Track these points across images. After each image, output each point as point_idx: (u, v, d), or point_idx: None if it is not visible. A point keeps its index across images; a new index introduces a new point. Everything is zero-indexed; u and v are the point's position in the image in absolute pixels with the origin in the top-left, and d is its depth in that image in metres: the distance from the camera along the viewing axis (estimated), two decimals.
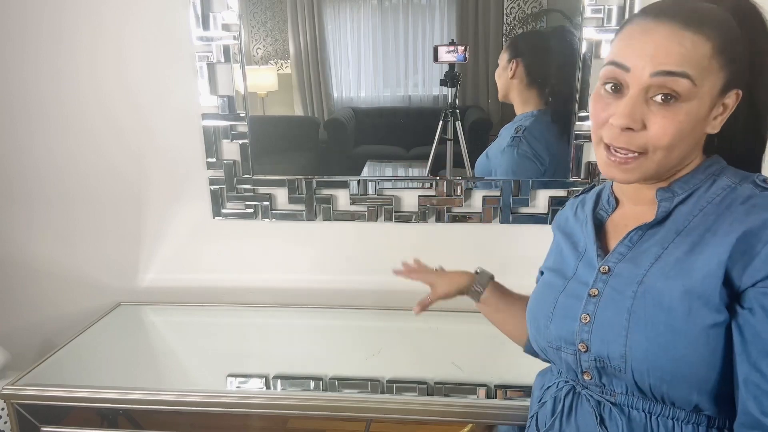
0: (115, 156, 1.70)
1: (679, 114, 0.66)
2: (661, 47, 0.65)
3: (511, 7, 1.48)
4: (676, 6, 0.68)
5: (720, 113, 0.69)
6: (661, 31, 0.66)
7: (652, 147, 0.67)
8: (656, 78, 0.65)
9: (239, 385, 1.34)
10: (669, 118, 0.66)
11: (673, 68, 0.64)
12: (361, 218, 1.69)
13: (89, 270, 1.82)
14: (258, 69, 1.60)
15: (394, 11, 1.54)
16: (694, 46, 0.65)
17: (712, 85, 0.66)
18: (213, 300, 1.78)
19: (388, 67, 1.57)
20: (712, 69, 0.65)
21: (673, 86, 0.65)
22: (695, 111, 0.66)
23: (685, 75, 0.64)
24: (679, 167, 0.72)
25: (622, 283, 0.73)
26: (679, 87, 0.65)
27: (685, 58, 0.65)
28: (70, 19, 1.60)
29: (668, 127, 0.66)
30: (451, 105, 1.57)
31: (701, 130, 0.69)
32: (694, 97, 0.65)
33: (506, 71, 1.52)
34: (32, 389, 1.33)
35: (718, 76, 0.66)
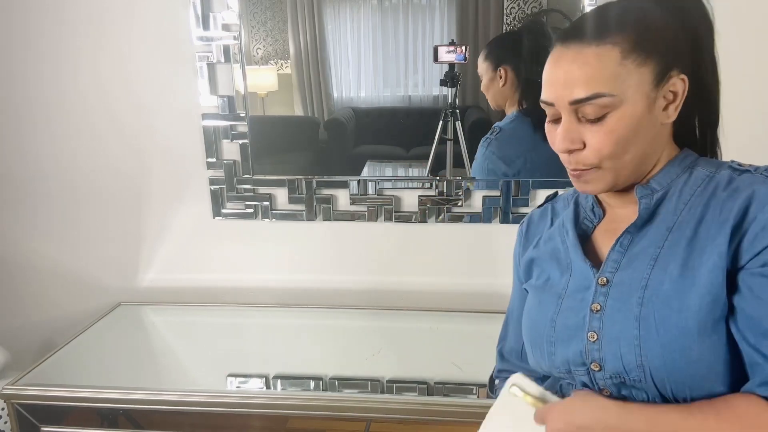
0: (115, 156, 1.70)
1: (610, 123, 0.67)
2: (568, 75, 0.67)
3: (511, 7, 1.48)
4: (582, 21, 0.70)
5: (671, 101, 0.69)
6: (566, 56, 0.67)
7: (597, 160, 0.69)
8: (574, 106, 0.67)
9: (239, 385, 1.34)
10: (602, 131, 0.67)
11: (582, 95, 0.66)
12: (361, 218, 1.69)
13: (89, 270, 1.82)
14: (258, 69, 1.60)
15: (394, 11, 1.54)
16: (598, 59, 0.66)
17: (637, 83, 0.66)
18: (213, 300, 1.78)
19: (388, 67, 1.57)
20: (626, 70, 0.66)
21: (589, 110, 0.66)
22: (629, 113, 0.67)
23: (596, 95, 0.66)
24: (648, 165, 0.72)
25: (625, 291, 0.70)
26: (596, 106, 0.66)
27: (592, 78, 0.66)
28: (71, 19, 1.60)
29: (603, 139, 0.67)
30: (451, 105, 1.57)
31: (651, 126, 0.69)
32: (619, 104, 0.66)
33: (495, 81, 1.50)
34: (32, 389, 1.33)
35: (640, 72, 0.66)
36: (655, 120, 0.69)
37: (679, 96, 0.69)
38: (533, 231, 0.89)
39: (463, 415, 1.21)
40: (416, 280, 1.73)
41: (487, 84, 1.51)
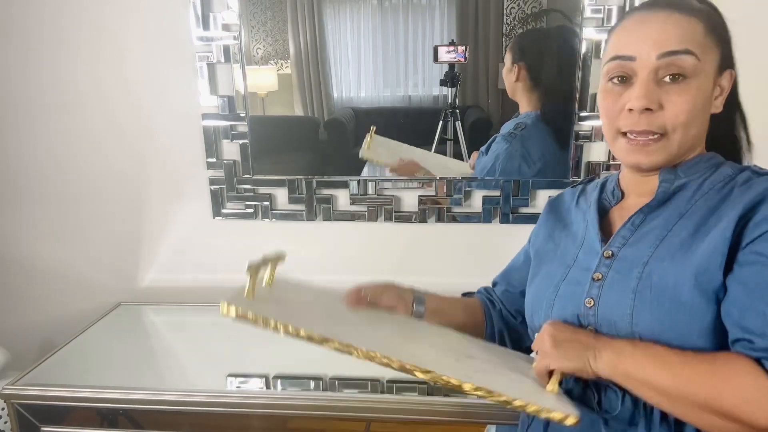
0: (115, 156, 1.70)
1: (691, 90, 0.69)
2: (662, 31, 0.69)
3: (511, 7, 1.48)
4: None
5: (719, 94, 0.74)
6: (657, 18, 0.70)
7: (671, 126, 0.70)
8: (663, 59, 0.69)
9: (239, 385, 1.34)
10: (683, 96, 0.69)
11: (676, 47, 0.69)
12: (361, 218, 1.69)
13: (89, 270, 1.82)
14: (258, 69, 1.60)
15: (394, 11, 1.54)
16: (689, 25, 0.70)
17: (711, 62, 0.71)
18: (213, 300, 1.77)
19: (388, 67, 1.57)
20: (708, 46, 0.70)
21: (680, 64, 0.69)
22: (704, 86, 0.70)
23: (689, 51, 0.69)
24: (695, 148, 0.75)
25: (627, 266, 0.73)
26: (685, 64, 0.69)
27: (684, 37, 0.69)
28: (70, 19, 1.60)
29: (683, 104, 0.69)
30: (451, 105, 1.57)
31: (708, 110, 0.73)
32: (700, 72, 0.70)
33: (511, 73, 1.52)
34: (32, 389, 1.33)
35: (714, 53, 0.71)
36: (709, 105, 0.73)
37: (726, 90, 0.74)
38: (561, 206, 0.94)
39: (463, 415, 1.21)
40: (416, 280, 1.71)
41: (505, 72, 1.53)
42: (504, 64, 1.52)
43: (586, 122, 1.52)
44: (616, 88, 0.73)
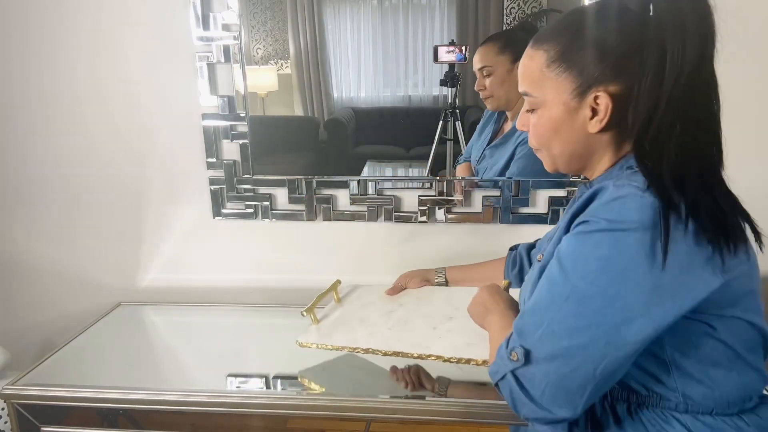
0: (115, 156, 1.70)
1: (534, 119, 0.79)
2: (520, 68, 0.80)
3: (510, 7, 1.48)
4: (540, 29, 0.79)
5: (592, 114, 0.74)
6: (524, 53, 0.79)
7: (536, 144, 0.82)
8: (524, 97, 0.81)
9: (239, 385, 1.34)
10: (533, 123, 0.79)
11: (522, 89, 0.79)
12: (361, 218, 1.69)
13: (89, 270, 1.82)
14: (258, 69, 1.60)
15: (394, 11, 1.54)
16: (531, 61, 0.77)
17: (556, 90, 0.75)
18: (213, 300, 1.78)
19: (388, 67, 1.57)
20: (547, 77, 0.75)
21: (527, 101, 0.79)
22: (551, 114, 0.76)
23: (525, 93, 0.79)
24: (583, 163, 0.80)
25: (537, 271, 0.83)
26: (529, 101, 0.79)
27: (525, 76, 0.78)
28: (70, 19, 1.60)
29: (532, 130, 0.80)
30: (451, 105, 1.57)
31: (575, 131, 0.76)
32: (540, 104, 0.77)
33: (513, 74, 1.41)
34: (32, 389, 1.33)
35: (557, 82, 0.74)
36: (581, 127, 0.75)
37: (602, 112, 0.72)
38: None
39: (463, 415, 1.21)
40: None
41: (502, 77, 1.45)
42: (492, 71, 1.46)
43: None
44: None
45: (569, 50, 0.72)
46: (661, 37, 0.67)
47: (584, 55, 0.71)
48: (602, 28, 0.71)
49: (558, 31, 0.74)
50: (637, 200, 0.66)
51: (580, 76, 0.72)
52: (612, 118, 0.72)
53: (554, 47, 0.73)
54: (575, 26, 0.73)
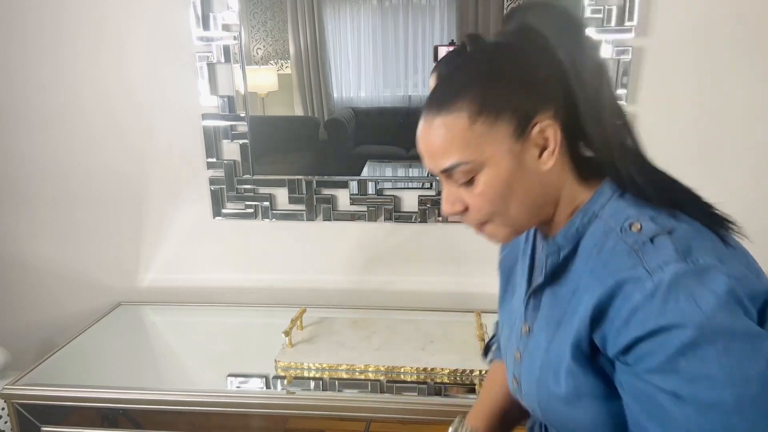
0: (115, 156, 1.70)
1: (479, 186, 0.64)
2: (428, 147, 0.65)
3: (510, 7, 1.48)
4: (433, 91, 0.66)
5: (544, 147, 0.64)
6: (423, 128, 0.66)
7: (482, 218, 0.67)
8: (443, 174, 0.66)
9: (239, 385, 1.34)
10: (474, 194, 0.65)
11: (446, 164, 0.64)
12: (361, 218, 1.69)
13: (89, 270, 1.82)
14: (258, 69, 1.60)
15: (394, 11, 1.54)
16: (447, 129, 0.63)
17: (494, 143, 0.62)
18: (213, 300, 1.78)
19: (388, 67, 1.57)
20: (478, 134, 0.62)
21: (457, 177, 0.64)
22: (494, 174, 0.63)
23: (455, 165, 0.63)
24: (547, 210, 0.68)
25: (534, 349, 0.70)
26: (461, 174, 0.64)
27: (447, 148, 0.63)
28: (71, 19, 1.60)
29: (478, 201, 0.65)
30: None
31: (529, 177, 0.64)
32: (481, 166, 0.63)
33: None
34: (32, 389, 1.33)
35: (494, 131, 0.62)
36: (533, 170, 0.64)
37: (551, 141, 0.63)
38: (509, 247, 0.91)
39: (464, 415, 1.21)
40: (417, 280, 1.73)
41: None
42: None
43: None
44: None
45: (490, 95, 0.62)
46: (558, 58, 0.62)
47: (509, 92, 0.62)
48: (511, 60, 0.63)
49: (462, 84, 0.63)
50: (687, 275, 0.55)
51: (514, 115, 0.62)
52: (563, 145, 0.64)
53: (471, 101, 0.62)
54: (480, 70, 0.63)
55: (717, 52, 1.45)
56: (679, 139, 1.52)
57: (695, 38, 1.45)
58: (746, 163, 1.52)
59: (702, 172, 1.52)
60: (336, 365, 1.35)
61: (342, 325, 1.54)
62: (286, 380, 1.34)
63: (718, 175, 1.53)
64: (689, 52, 1.46)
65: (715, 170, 1.53)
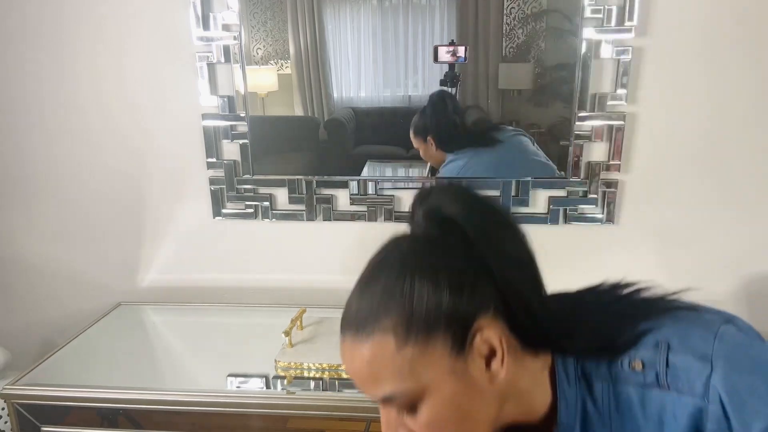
0: (115, 156, 1.70)
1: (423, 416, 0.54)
2: (356, 373, 0.56)
3: (510, 7, 1.48)
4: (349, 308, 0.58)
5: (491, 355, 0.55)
6: (346, 350, 0.56)
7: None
8: (381, 404, 0.56)
9: (239, 385, 1.34)
10: (421, 424, 0.54)
11: (378, 395, 0.55)
12: (361, 218, 1.69)
13: (89, 270, 1.82)
14: (258, 69, 1.60)
15: (394, 11, 1.54)
16: (374, 356, 0.53)
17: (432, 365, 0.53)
18: (213, 300, 1.78)
19: (388, 67, 1.57)
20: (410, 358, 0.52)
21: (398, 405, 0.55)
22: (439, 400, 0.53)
23: (390, 397, 0.54)
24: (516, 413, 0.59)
25: None
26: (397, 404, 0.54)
27: (377, 378, 0.54)
28: (70, 19, 1.60)
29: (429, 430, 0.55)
30: None
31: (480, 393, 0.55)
32: (422, 393, 0.53)
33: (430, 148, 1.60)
34: (32, 389, 1.33)
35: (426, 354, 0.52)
36: (484, 384, 0.55)
37: (498, 348, 0.55)
38: None
39: None
40: None
41: (425, 152, 1.60)
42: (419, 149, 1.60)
43: (587, 122, 1.52)
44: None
45: (417, 309, 0.52)
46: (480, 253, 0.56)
47: (438, 302, 0.53)
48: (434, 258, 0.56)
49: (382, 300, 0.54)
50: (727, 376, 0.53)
51: (449, 328, 0.53)
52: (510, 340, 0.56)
53: (395, 321, 0.52)
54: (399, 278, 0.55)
55: (717, 52, 1.45)
56: (679, 139, 1.51)
57: (695, 38, 1.45)
58: (746, 162, 1.52)
59: (701, 172, 1.52)
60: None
61: None
62: (286, 380, 1.34)
63: (718, 175, 1.53)
64: (689, 52, 1.46)
65: (715, 170, 1.53)
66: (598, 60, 1.48)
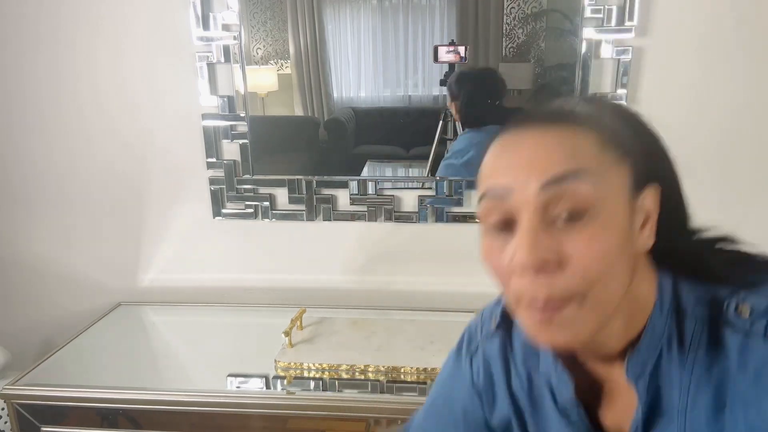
0: (115, 156, 1.70)
1: (593, 229, 0.49)
2: (540, 151, 0.50)
3: (511, 7, 1.48)
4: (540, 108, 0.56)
5: (645, 220, 0.53)
6: (531, 136, 0.51)
7: (581, 287, 0.49)
8: (549, 190, 0.49)
9: (239, 385, 1.34)
10: (586, 240, 0.48)
11: (561, 170, 0.49)
12: (361, 218, 1.69)
13: (89, 270, 1.82)
14: (258, 69, 1.60)
15: (394, 11, 1.54)
16: (575, 139, 0.50)
17: (616, 184, 0.51)
18: (213, 300, 1.78)
19: (388, 67, 1.57)
20: (605, 163, 0.50)
21: (574, 193, 0.48)
22: (615, 219, 0.50)
23: (578, 172, 0.49)
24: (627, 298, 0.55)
25: None
26: (581, 192, 0.48)
27: (571, 154, 0.49)
28: (68, 19, 1.59)
29: (591, 251, 0.48)
30: None
31: (631, 247, 0.52)
32: (602, 203, 0.49)
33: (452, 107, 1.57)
34: (32, 389, 1.33)
35: (618, 170, 0.51)
36: (634, 242, 0.53)
37: (654, 214, 0.54)
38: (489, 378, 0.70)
39: None
40: (416, 280, 1.73)
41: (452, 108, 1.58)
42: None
43: None
44: (499, 238, 0.52)
45: (619, 134, 0.52)
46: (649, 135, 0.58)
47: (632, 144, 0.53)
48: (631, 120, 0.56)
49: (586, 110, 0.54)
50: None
51: (633, 168, 0.52)
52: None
53: (602, 128, 0.52)
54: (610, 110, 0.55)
55: (717, 52, 1.45)
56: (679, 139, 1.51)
57: (695, 38, 1.45)
58: (746, 162, 1.52)
59: (701, 171, 1.52)
60: (336, 365, 1.35)
61: (342, 325, 1.54)
62: (286, 380, 1.34)
63: (718, 174, 1.53)
64: (689, 52, 1.46)
65: (715, 170, 1.53)
66: (598, 60, 1.48)
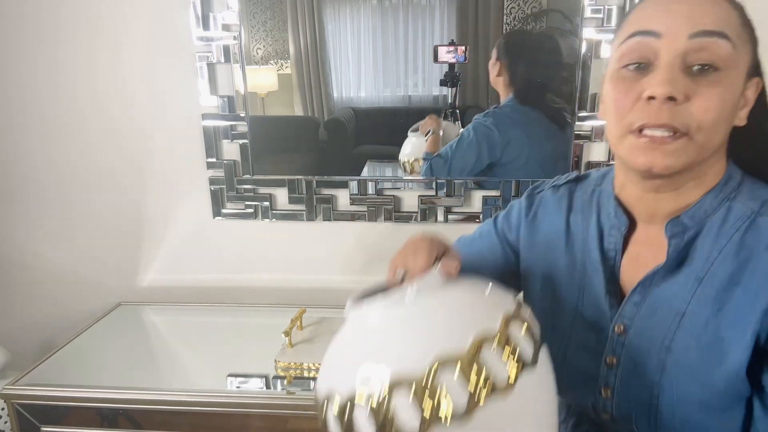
0: (115, 156, 1.70)
1: (722, 85, 0.57)
2: (696, 7, 0.57)
3: (511, 7, 1.48)
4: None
5: (744, 104, 0.62)
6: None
7: (697, 124, 0.57)
8: (695, 40, 0.56)
9: (239, 385, 1.34)
10: (713, 89, 0.57)
11: (713, 27, 0.56)
12: (361, 218, 1.69)
13: (89, 270, 1.82)
14: (258, 69, 1.60)
15: (394, 11, 1.54)
16: (725, 10, 0.58)
17: (744, 60, 0.59)
18: (213, 300, 1.78)
19: (388, 67, 1.57)
20: (743, 39, 0.59)
21: (714, 49, 0.56)
22: (735, 84, 0.58)
23: (725, 35, 0.56)
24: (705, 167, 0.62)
25: (644, 348, 0.63)
26: (720, 50, 0.56)
27: (721, 18, 0.57)
28: (68, 19, 1.59)
29: (714, 98, 0.56)
30: (451, 105, 1.57)
31: (733, 117, 0.61)
32: (734, 65, 0.57)
33: (494, 68, 1.52)
34: (32, 389, 1.33)
35: (747, 50, 0.59)
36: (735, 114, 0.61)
37: (750, 103, 0.62)
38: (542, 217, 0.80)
39: None
40: None
41: (490, 66, 1.52)
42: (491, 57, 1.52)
43: (587, 122, 1.52)
44: (631, 75, 0.60)
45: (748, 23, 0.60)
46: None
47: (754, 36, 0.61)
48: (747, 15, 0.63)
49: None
50: None
51: (754, 54, 0.60)
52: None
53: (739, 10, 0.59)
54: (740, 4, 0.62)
55: None
56: None
57: None
58: None
59: None
60: None
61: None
62: (286, 380, 1.34)
63: None
64: None
65: None
66: (598, 60, 1.48)
